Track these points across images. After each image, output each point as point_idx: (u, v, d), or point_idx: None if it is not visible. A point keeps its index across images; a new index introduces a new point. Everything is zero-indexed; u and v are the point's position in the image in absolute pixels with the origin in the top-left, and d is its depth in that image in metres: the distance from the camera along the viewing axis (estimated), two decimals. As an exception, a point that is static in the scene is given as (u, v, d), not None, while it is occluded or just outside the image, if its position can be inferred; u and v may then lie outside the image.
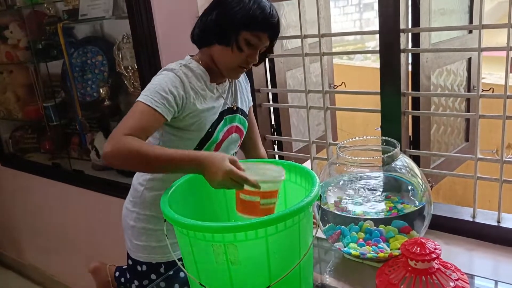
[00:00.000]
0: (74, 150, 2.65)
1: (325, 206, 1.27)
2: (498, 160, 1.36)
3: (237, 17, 1.19)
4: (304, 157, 1.80)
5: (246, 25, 1.19)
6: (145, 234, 1.39)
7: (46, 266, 3.13)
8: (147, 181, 1.37)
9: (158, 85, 1.19)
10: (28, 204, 3.02)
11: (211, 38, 1.25)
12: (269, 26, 1.22)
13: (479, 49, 1.31)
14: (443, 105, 1.72)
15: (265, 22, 1.20)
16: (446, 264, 1.00)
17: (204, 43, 1.29)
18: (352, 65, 4.81)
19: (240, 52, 1.22)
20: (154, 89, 1.18)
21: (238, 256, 0.89)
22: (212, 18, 1.23)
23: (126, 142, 1.09)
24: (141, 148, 1.09)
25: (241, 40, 1.20)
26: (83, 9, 2.14)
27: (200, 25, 1.27)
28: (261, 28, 1.21)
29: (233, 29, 1.20)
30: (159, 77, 1.23)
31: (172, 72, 1.22)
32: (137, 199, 1.40)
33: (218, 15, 1.22)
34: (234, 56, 1.22)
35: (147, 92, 1.19)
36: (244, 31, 1.20)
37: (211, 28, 1.23)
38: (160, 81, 1.20)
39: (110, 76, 2.27)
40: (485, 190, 2.33)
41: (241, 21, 1.19)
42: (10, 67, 2.80)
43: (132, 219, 1.41)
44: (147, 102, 1.16)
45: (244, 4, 1.19)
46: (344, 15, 10.69)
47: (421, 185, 1.25)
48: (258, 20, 1.19)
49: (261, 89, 1.82)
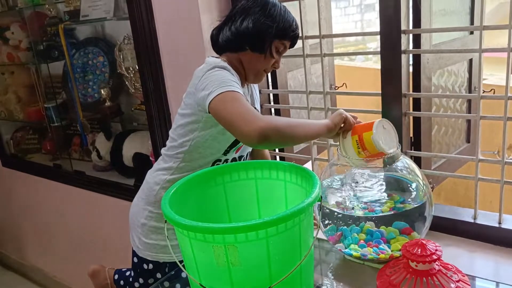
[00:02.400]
0: (75, 151, 2.66)
1: (326, 207, 1.27)
2: (499, 161, 1.35)
3: (275, 27, 1.23)
4: (305, 158, 1.80)
5: (281, 34, 1.25)
6: (156, 233, 1.40)
7: (47, 267, 3.13)
8: (165, 181, 1.37)
9: (223, 77, 1.18)
10: (29, 205, 3.03)
11: (245, 44, 1.26)
12: (294, 35, 1.29)
13: (480, 50, 1.31)
14: (444, 106, 1.72)
15: (292, 32, 1.28)
16: (447, 265, 1.00)
17: (234, 48, 1.29)
18: (354, 66, 4.81)
19: (271, 59, 1.28)
20: (221, 80, 1.16)
21: (238, 257, 0.88)
22: (249, 25, 1.24)
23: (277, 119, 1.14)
24: (288, 121, 1.16)
25: (273, 48, 1.27)
26: (84, 10, 2.14)
27: (233, 30, 1.27)
28: (289, 37, 1.28)
29: (270, 38, 1.25)
30: (216, 73, 1.19)
31: (225, 69, 1.22)
32: (151, 197, 1.40)
33: (257, 23, 1.23)
34: (265, 62, 1.29)
35: (218, 85, 1.15)
36: (276, 39, 1.26)
37: (248, 35, 1.25)
38: (221, 75, 1.18)
39: (111, 77, 2.27)
40: (486, 191, 2.32)
41: (278, 31, 1.24)
42: (12, 68, 2.81)
43: (144, 217, 1.42)
44: (228, 89, 1.13)
45: (280, 15, 1.24)
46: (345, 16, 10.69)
47: (422, 186, 1.24)
48: (289, 30, 1.26)
49: (262, 90, 1.82)
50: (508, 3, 1.22)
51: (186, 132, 1.29)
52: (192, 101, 1.24)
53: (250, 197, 1.19)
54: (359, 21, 10.42)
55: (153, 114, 1.89)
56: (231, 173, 1.17)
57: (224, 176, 1.17)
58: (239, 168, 1.18)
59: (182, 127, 1.30)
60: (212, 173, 1.17)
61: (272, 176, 1.16)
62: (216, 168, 1.19)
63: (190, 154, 1.32)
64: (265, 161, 1.21)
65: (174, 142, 1.34)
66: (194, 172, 1.16)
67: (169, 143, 1.37)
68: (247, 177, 1.18)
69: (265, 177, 1.17)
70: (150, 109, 1.89)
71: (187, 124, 1.28)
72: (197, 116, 1.25)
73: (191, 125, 1.28)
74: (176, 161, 1.35)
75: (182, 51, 1.73)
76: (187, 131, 1.29)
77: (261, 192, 1.19)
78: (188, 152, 1.32)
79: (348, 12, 10.71)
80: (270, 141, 1.07)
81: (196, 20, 1.64)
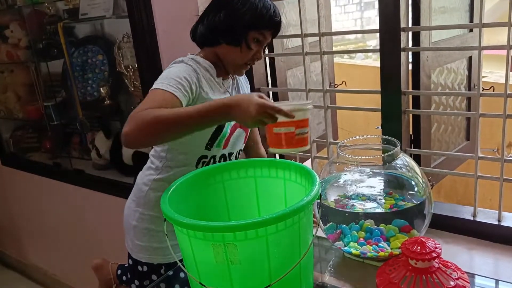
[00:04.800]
0: (75, 149, 2.65)
1: (326, 204, 1.27)
2: (498, 159, 1.36)
3: (246, 17, 1.21)
4: (304, 156, 1.79)
5: (255, 24, 1.22)
6: (148, 235, 1.39)
7: (48, 266, 3.13)
8: (152, 182, 1.36)
9: (172, 73, 1.17)
10: (29, 203, 3.03)
11: (218, 38, 1.26)
12: (274, 24, 1.26)
13: (479, 47, 1.31)
14: (444, 104, 1.72)
15: (270, 20, 1.24)
16: (447, 263, 1.00)
17: (209, 43, 1.29)
18: (353, 64, 4.81)
19: (248, 50, 1.25)
20: (167, 76, 1.16)
21: (238, 255, 0.88)
22: (220, 19, 1.23)
23: (141, 114, 1.04)
24: (158, 113, 1.03)
25: (249, 39, 1.24)
26: (84, 8, 2.14)
27: (206, 25, 1.27)
28: (267, 26, 1.25)
29: (242, 29, 1.23)
30: (170, 69, 1.21)
31: (183, 63, 1.22)
32: (141, 199, 1.39)
33: (227, 15, 1.23)
34: (243, 54, 1.26)
35: (160, 80, 1.16)
36: (252, 30, 1.23)
37: (220, 29, 1.24)
38: (173, 70, 1.19)
39: (110, 75, 2.27)
40: (486, 189, 2.33)
41: (250, 21, 1.22)
42: (11, 66, 2.80)
43: (135, 219, 1.41)
44: (162, 87, 1.12)
45: (251, 4, 1.22)
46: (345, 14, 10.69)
47: (422, 184, 1.24)
48: (265, 19, 1.23)
49: (262, 88, 1.82)
50: (507, 1, 1.22)
51: None
52: None
53: (250, 195, 1.19)
54: (359, 19, 10.42)
55: (153, 113, 1.89)
56: (230, 171, 1.17)
57: (223, 174, 1.17)
58: (238, 166, 1.18)
59: None
60: (211, 171, 1.17)
61: (272, 174, 1.16)
62: (215, 166, 1.19)
63: (171, 152, 1.32)
64: (265, 159, 1.21)
65: None
66: (182, 171, 1.15)
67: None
68: (247, 175, 1.18)
69: (265, 175, 1.17)
70: (149, 107, 1.89)
71: None
72: None
73: None
74: (161, 160, 1.35)
75: (181, 49, 1.73)
76: None
77: (260, 190, 1.18)
78: (168, 151, 1.32)
79: (348, 10, 10.70)
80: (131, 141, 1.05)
81: (195, 18, 1.63)
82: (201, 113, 1.04)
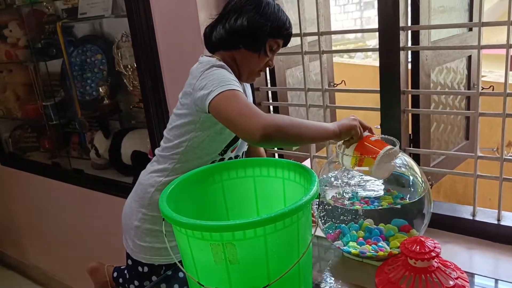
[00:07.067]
0: (74, 149, 2.66)
1: (324, 204, 1.27)
2: (498, 158, 1.35)
3: (269, 25, 1.23)
4: (303, 155, 1.79)
5: (275, 33, 1.25)
6: (150, 235, 1.38)
7: (47, 266, 3.13)
8: (160, 184, 1.34)
9: (222, 76, 1.16)
10: (28, 203, 3.03)
11: (239, 42, 1.25)
12: (289, 34, 1.29)
13: (478, 46, 1.30)
14: (443, 103, 1.72)
15: (287, 30, 1.27)
16: (446, 262, 1.00)
17: (227, 46, 1.28)
18: (353, 63, 4.81)
19: (265, 57, 1.28)
20: (220, 79, 1.14)
21: (236, 255, 0.88)
22: (243, 23, 1.23)
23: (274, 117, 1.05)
24: (292, 121, 1.09)
25: (267, 46, 1.26)
26: (82, 7, 2.14)
27: (227, 28, 1.25)
28: (284, 36, 1.28)
29: (265, 36, 1.24)
30: (214, 72, 1.17)
31: (223, 68, 1.20)
32: (145, 200, 1.37)
33: (251, 21, 1.22)
34: (260, 60, 1.28)
35: (217, 84, 1.13)
36: (271, 38, 1.25)
37: (242, 34, 1.24)
38: (220, 74, 1.17)
39: (109, 75, 2.27)
40: (485, 188, 2.33)
41: (272, 29, 1.23)
42: (10, 66, 2.80)
43: (137, 219, 1.39)
44: (229, 88, 1.11)
45: (273, 13, 1.23)
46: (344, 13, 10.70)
47: (421, 183, 1.24)
48: (284, 28, 1.26)
49: (261, 88, 1.82)
50: (507, 0, 1.22)
51: (182, 133, 1.27)
52: (189, 101, 1.21)
53: (248, 195, 1.19)
54: (359, 18, 10.43)
55: (152, 112, 1.89)
56: (229, 170, 1.17)
57: (222, 173, 1.17)
58: (237, 166, 1.18)
59: (178, 128, 1.27)
60: (210, 171, 1.16)
61: (271, 173, 1.16)
62: (214, 166, 1.18)
63: (186, 155, 1.30)
64: (263, 159, 1.21)
65: (170, 142, 1.31)
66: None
67: (164, 144, 1.34)
68: (245, 174, 1.17)
69: (263, 174, 1.17)
70: (148, 107, 1.89)
71: (183, 125, 1.26)
72: (194, 117, 1.23)
73: (187, 125, 1.25)
74: (171, 162, 1.32)
75: (180, 49, 1.73)
76: (183, 131, 1.26)
77: (259, 189, 1.18)
78: (184, 153, 1.30)
79: (348, 9, 10.71)
80: (272, 139, 1.05)
81: (194, 17, 1.63)
82: (336, 132, 1.15)
